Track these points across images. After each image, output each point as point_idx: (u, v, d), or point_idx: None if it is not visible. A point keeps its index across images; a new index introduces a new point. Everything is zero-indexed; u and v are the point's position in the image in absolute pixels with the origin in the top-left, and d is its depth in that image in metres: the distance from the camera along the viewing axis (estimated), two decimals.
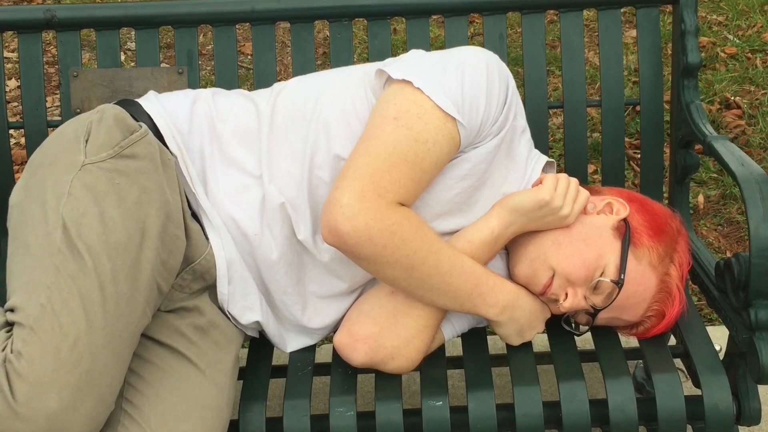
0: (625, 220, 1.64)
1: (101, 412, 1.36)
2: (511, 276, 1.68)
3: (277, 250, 1.61)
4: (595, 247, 1.60)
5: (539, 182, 1.62)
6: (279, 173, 1.61)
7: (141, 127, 1.55)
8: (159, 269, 1.47)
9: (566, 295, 1.60)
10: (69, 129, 1.56)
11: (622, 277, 1.58)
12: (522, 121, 1.66)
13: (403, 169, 1.50)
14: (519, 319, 1.63)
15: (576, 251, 1.60)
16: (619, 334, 1.70)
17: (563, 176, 1.62)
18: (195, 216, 1.61)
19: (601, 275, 1.59)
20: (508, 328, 1.64)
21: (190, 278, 1.58)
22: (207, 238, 1.60)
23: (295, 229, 1.60)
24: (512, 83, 1.61)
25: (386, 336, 1.60)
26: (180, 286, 1.58)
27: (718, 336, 1.86)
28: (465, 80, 1.54)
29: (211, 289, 1.62)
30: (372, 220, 1.46)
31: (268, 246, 1.60)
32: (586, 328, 1.68)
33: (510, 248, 1.68)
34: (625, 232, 1.62)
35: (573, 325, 1.69)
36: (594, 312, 1.62)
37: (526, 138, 1.68)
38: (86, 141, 1.50)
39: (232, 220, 1.60)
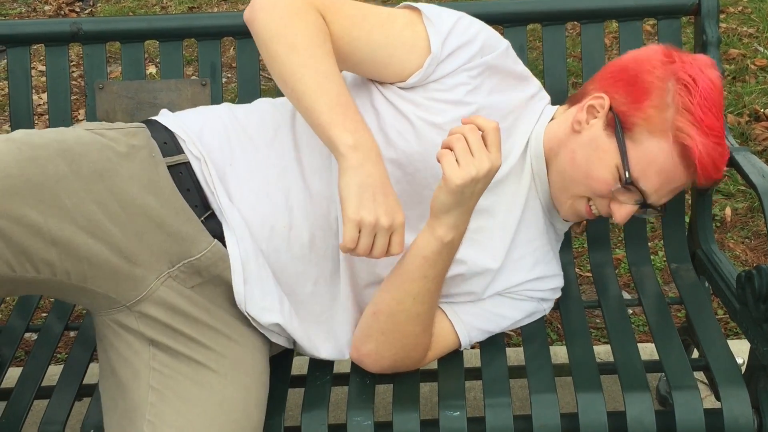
0: (610, 109, 1.61)
1: None
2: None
3: (307, 233, 1.60)
4: (598, 160, 1.59)
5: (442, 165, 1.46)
6: (310, 165, 1.62)
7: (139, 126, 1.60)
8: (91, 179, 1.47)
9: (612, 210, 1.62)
10: None
11: (627, 175, 1.56)
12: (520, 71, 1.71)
13: (344, 1, 1.59)
14: (370, 174, 1.44)
15: (587, 174, 1.60)
16: (638, 346, 1.69)
17: (454, 139, 1.44)
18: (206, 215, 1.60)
19: (619, 179, 1.58)
20: (353, 177, 1.44)
21: (189, 271, 1.55)
22: (214, 237, 1.57)
23: (328, 210, 1.60)
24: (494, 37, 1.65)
25: (383, 349, 1.62)
26: (178, 278, 1.55)
27: (744, 350, 1.83)
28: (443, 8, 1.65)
29: (218, 287, 1.59)
30: None
31: (298, 236, 1.60)
32: (659, 208, 1.66)
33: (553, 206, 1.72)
34: (615, 124, 1.59)
35: (657, 209, 1.66)
36: (645, 204, 1.60)
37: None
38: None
39: (258, 216, 1.59)
